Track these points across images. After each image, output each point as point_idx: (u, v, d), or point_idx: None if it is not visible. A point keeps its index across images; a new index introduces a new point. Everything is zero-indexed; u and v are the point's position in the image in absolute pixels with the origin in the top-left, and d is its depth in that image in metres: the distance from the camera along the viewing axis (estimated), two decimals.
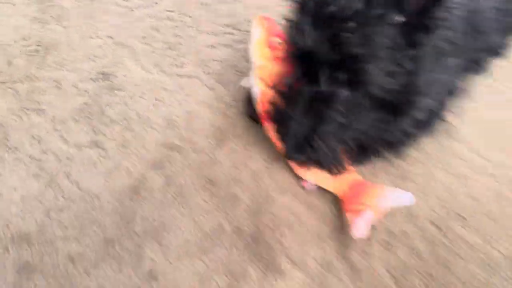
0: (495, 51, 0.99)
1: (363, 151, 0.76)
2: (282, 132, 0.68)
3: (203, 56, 0.94)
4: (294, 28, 0.61)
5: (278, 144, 0.72)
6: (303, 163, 0.68)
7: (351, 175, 0.72)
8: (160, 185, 0.75)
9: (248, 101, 0.82)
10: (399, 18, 0.57)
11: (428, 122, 0.81)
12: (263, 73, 0.75)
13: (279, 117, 0.69)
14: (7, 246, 0.66)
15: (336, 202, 0.73)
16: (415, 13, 0.57)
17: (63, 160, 0.76)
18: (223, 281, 0.65)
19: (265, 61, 0.75)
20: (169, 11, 1.03)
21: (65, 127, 0.80)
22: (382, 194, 0.68)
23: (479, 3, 0.77)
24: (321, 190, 0.74)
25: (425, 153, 0.81)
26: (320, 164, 0.68)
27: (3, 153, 0.76)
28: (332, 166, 0.69)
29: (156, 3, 1.04)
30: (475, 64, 0.92)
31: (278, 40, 0.75)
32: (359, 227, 0.65)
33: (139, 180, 0.75)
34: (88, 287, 0.64)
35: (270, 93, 0.73)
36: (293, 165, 0.74)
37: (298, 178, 0.75)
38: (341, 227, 0.70)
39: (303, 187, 0.75)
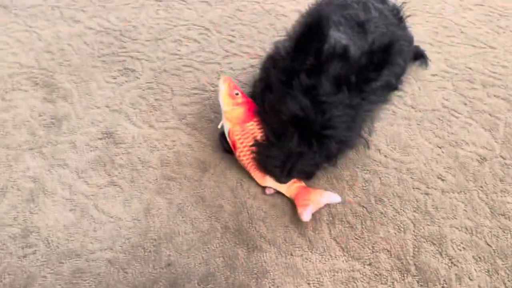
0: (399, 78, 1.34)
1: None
2: (270, 168, 0.98)
3: (180, 112, 1.24)
4: (292, 101, 0.91)
5: (254, 170, 1.02)
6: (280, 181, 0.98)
7: (299, 183, 1.02)
8: (164, 205, 1.01)
9: (222, 138, 1.12)
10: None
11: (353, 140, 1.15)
12: (229, 116, 1.05)
13: (266, 160, 0.99)
14: (60, 259, 0.89)
15: (290, 201, 1.02)
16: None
17: (90, 197, 1.01)
18: (221, 261, 0.91)
19: (229, 107, 1.04)
20: (148, 82, 1.33)
21: (86, 174, 1.06)
22: (320, 194, 0.98)
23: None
24: (279, 194, 1.03)
25: (350, 160, 1.13)
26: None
27: (43, 198, 1.00)
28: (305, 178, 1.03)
29: (137, 78, 1.34)
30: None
31: (237, 92, 1.08)
32: (306, 215, 0.94)
33: (148, 204, 1.01)
34: (126, 278, 0.88)
35: (235, 130, 1.05)
36: (257, 179, 1.04)
37: (262, 187, 1.05)
38: (296, 216, 0.98)
39: (265, 193, 1.04)
